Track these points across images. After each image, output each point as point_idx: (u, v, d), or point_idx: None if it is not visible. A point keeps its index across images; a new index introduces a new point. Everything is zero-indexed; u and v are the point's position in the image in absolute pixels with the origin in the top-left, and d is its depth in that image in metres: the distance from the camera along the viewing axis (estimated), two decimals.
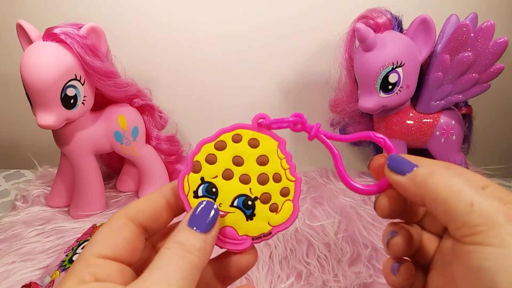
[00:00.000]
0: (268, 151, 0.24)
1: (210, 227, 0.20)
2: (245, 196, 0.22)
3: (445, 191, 0.18)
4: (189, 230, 0.19)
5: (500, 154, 0.73)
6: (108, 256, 0.19)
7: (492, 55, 0.46)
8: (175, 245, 0.19)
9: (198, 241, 0.19)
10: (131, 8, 0.66)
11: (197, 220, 0.20)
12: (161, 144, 0.62)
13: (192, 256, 0.18)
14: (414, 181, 0.20)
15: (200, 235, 0.19)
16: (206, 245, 0.19)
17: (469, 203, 0.17)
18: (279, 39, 0.67)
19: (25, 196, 0.61)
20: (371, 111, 0.53)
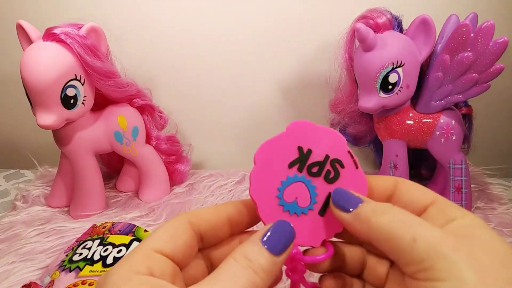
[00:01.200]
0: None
1: (282, 250, 0.19)
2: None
3: (387, 228, 0.18)
4: (261, 247, 0.18)
5: (500, 154, 0.73)
6: (166, 253, 0.18)
7: (492, 55, 0.46)
8: (243, 259, 0.18)
9: (266, 262, 0.18)
10: (131, 8, 0.66)
11: (271, 239, 0.19)
12: (161, 144, 0.62)
13: (257, 276, 0.18)
14: (358, 218, 0.19)
15: (270, 256, 0.18)
16: (274, 267, 0.18)
17: (411, 239, 0.17)
18: (279, 39, 0.67)
19: (25, 196, 0.61)
20: (371, 111, 0.53)
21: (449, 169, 0.55)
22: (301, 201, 0.22)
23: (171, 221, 0.20)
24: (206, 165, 0.76)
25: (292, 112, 0.72)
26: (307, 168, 0.22)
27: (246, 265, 0.18)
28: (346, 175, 0.22)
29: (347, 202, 0.20)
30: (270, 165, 0.22)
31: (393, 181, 0.22)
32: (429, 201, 0.20)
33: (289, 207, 0.22)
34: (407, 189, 0.21)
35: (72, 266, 0.40)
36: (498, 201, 0.60)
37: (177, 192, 0.64)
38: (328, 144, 0.22)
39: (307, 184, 0.22)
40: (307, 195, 0.22)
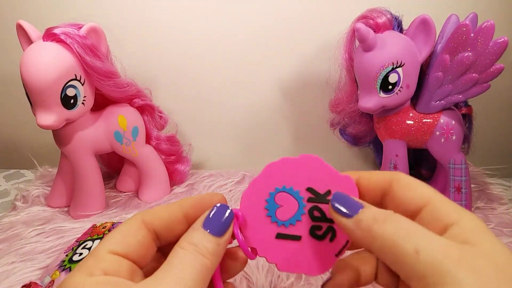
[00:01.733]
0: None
1: (224, 231, 0.20)
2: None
3: (390, 238, 0.17)
4: (203, 231, 0.19)
5: (500, 154, 0.73)
6: (119, 253, 0.19)
7: (492, 55, 0.46)
8: (189, 245, 0.19)
9: (211, 244, 0.19)
10: (131, 8, 0.66)
11: (212, 223, 0.20)
12: (161, 144, 0.62)
13: (205, 259, 0.19)
14: (359, 226, 0.19)
15: (214, 238, 0.19)
16: (218, 248, 0.19)
17: (414, 251, 0.16)
18: (279, 39, 0.67)
19: (25, 196, 0.61)
20: (371, 111, 0.53)
21: (449, 169, 0.55)
22: (287, 212, 0.22)
23: (125, 222, 0.21)
24: (206, 165, 0.76)
25: (292, 112, 0.72)
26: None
27: (193, 250, 0.19)
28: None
29: (347, 207, 0.19)
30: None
31: (388, 178, 0.21)
32: (423, 203, 0.19)
33: (276, 220, 0.22)
34: (401, 188, 0.20)
35: (72, 266, 0.40)
36: (498, 201, 0.60)
37: (177, 192, 0.64)
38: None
39: (295, 196, 0.22)
40: (295, 205, 0.22)
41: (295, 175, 0.22)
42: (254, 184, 0.23)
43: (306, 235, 0.22)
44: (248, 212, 0.22)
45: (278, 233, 0.22)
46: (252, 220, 0.22)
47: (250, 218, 0.22)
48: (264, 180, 0.23)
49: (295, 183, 0.22)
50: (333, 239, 0.22)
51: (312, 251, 0.22)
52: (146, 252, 0.20)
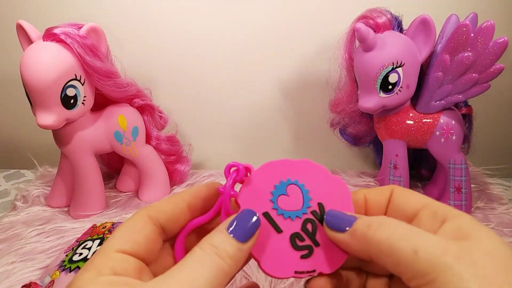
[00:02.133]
0: None
1: (248, 237, 0.19)
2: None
3: (386, 242, 0.17)
4: (226, 235, 0.19)
5: (500, 154, 0.73)
6: (127, 251, 0.19)
7: (492, 55, 0.46)
8: (209, 247, 0.18)
9: (232, 249, 0.19)
10: (131, 8, 0.66)
11: (237, 227, 0.19)
12: (161, 144, 0.62)
13: (223, 262, 0.18)
14: (354, 236, 0.19)
15: (236, 243, 0.19)
16: (240, 254, 0.19)
17: (412, 251, 0.16)
18: (279, 39, 0.67)
19: (25, 196, 0.61)
20: (371, 111, 0.53)
21: (449, 169, 0.55)
22: (291, 204, 0.22)
23: (130, 219, 0.20)
24: (206, 165, 0.76)
25: (292, 112, 0.72)
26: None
27: (212, 252, 0.18)
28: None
29: (341, 222, 0.20)
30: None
31: (388, 192, 0.22)
32: (420, 205, 0.20)
33: (282, 212, 0.22)
34: (399, 196, 0.21)
35: (72, 266, 0.40)
36: (498, 201, 0.60)
37: (177, 192, 0.64)
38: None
39: (301, 188, 0.22)
40: (300, 198, 0.22)
41: (300, 174, 0.22)
42: (261, 171, 0.22)
43: (287, 235, 0.22)
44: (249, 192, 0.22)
45: (267, 213, 0.22)
46: (250, 198, 0.22)
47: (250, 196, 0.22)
48: (272, 171, 0.22)
49: (305, 181, 0.22)
50: (304, 258, 0.21)
51: (280, 252, 0.21)
52: (153, 248, 0.20)
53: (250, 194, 0.22)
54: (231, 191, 0.21)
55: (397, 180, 0.58)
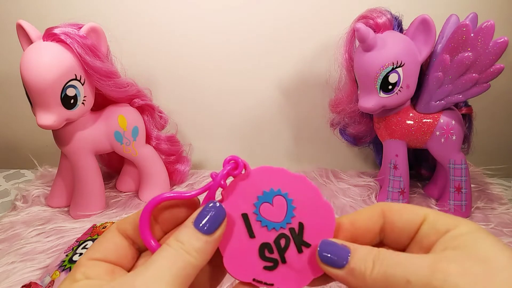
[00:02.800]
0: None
1: (214, 229, 0.20)
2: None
3: (382, 279, 0.18)
4: (193, 229, 0.19)
5: (500, 154, 0.73)
6: (97, 258, 0.20)
7: (492, 55, 0.46)
8: (175, 243, 0.19)
9: (198, 242, 0.19)
10: (131, 8, 0.66)
11: (202, 220, 0.20)
12: (161, 144, 0.62)
13: (189, 256, 0.19)
14: (353, 275, 0.19)
15: (202, 236, 0.19)
16: (207, 246, 0.19)
17: (406, 282, 0.17)
18: (279, 39, 0.67)
19: (25, 196, 0.61)
20: (371, 111, 0.53)
21: (449, 169, 0.55)
22: (273, 215, 0.22)
23: (102, 234, 0.22)
24: (206, 165, 0.76)
25: (292, 112, 0.72)
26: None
27: (178, 247, 0.19)
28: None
29: (336, 257, 0.20)
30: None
31: (379, 212, 0.21)
32: (420, 220, 0.20)
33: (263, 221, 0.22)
34: (396, 214, 0.21)
35: (72, 266, 0.40)
36: (498, 201, 0.60)
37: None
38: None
39: (288, 202, 0.22)
40: (283, 212, 0.22)
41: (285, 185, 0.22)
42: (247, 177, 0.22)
43: (257, 242, 0.21)
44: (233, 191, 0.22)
45: (246, 215, 0.21)
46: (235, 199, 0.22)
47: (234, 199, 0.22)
48: (258, 179, 0.22)
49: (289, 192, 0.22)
50: (266, 269, 0.21)
51: (246, 255, 0.21)
52: (126, 253, 0.21)
53: (237, 191, 0.22)
54: (222, 180, 0.21)
55: (397, 180, 0.58)
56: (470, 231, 0.18)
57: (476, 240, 0.18)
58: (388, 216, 0.21)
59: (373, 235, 0.22)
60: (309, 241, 0.21)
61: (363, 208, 0.22)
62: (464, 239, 0.18)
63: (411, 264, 0.18)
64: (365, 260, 0.19)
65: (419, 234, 0.20)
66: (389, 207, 0.21)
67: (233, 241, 0.21)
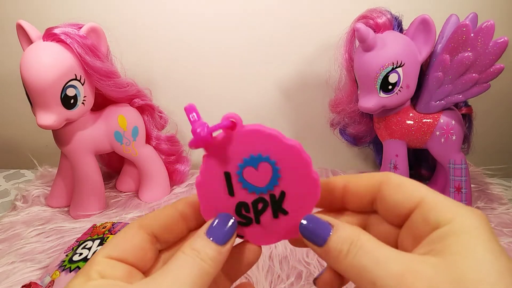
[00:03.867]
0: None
1: (226, 240, 0.20)
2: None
3: (352, 270, 0.18)
4: (206, 239, 0.20)
5: (500, 154, 0.73)
6: (114, 257, 0.20)
7: (492, 55, 0.46)
8: (190, 251, 0.19)
9: (212, 252, 0.19)
10: (131, 8, 0.66)
11: (215, 232, 0.20)
12: (161, 144, 0.62)
13: (205, 264, 0.19)
14: (328, 256, 0.19)
15: (216, 246, 0.20)
16: (220, 256, 0.20)
17: (372, 284, 0.17)
18: (279, 39, 0.67)
19: (25, 196, 0.61)
20: (371, 111, 0.53)
21: (449, 169, 0.55)
22: (257, 179, 0.21)
23: (123, 229, 0.21)
24: None
25: (292, 112, 0.72)
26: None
27: (194, 255, 0.19)
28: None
29: (316, 235, 0.20)
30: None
31: (377, 181, 0.20)
32: (413, 204, 0.19)
33: (247, 186, 0.21)
34: (391, 190, 0.20)
35: (72, 266, 0.40)
36: (498, 201, 0.60)
37: (177, 192, 0.64)
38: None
39: (274, 170, 0.21)
40: (267, 179, 0.21)
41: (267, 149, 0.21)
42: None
43: (235, 200, 0.22)
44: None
45: (228, 174, 0.21)
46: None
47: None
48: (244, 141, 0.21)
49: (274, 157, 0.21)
50: (239, 225, 0.22)
51: (222, 209, 0.22)
52: (144, 254, 0.21)
53: (224, 149, 0.21)
54: (209, 135, 0.21)
55: None
56: (464, 230, 0.17)
57: (466, 245, 0.16)
58: (383, 190, 0.20)
59: (363, 204, 0.21)
60: (287, 209, 0.21)
61: (365, 174, 0.21)
62: (451, 242, 0.16)
63: (382, 268, 0.17)
64: (342, 243, 0.18)
65: (411, 220, 0.19)
66: (388, 180, 0.20)
67: (213, 195, 0.22)
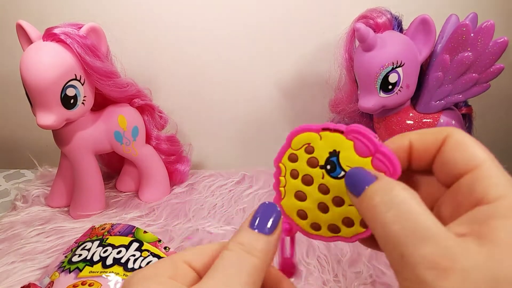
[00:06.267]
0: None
1: (272, 229, 0.19)
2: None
3: (381, 231, 0.16)
4: (251, 231, 0.19)
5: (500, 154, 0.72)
6: (193, 266, 0.19)
7: (492, 55, 0.46)
8: (236, 245, 0.18)
9: (260, 243, 0.18)
10: (131, 8, 0.66)
11: (259, 222, 0.19)
12: (161, 144, 0.62)
13: (254, 257, 0.17)
14: (361, 206, 0.18)
15: (263, 237, 0.18)
16: (268, 246, 0.18)
17: (400, 255, 0.15)
18: (279, 39, 0.67)
19: (25, 196, 0.61)
20: (371, 111, 0.53)
21: None
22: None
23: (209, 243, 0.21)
24: (206, 165, 0.76)
25: (292, 112, 0.72)
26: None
27: (240, 250, 0.18)
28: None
29: (357, 184, 0.18)
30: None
31: (442, 136, 0.19)
32: (469, 168, 0.17)
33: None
34: (450, 148, 0.18)
35: (71, 267, 0.40)
36: None
37: (177, 192, 0.64)
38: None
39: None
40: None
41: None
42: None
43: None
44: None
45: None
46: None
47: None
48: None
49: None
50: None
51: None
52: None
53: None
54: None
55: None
56: (511, 214, 0.14)
57: (507, 232, 0.14)
58: (445, 145, 0.18)
59: (427, 161, 0.19)
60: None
61: (429, 129, 0.20)
62: (497, 227, 0.14)
63: (415, 243, 0.15)
64: (381, 197, 0.16)
65: (458, 184, 0.17)
66: (453, 135, 0.18)
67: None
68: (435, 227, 0.15)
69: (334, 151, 0.20)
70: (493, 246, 0.14)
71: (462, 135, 0.18)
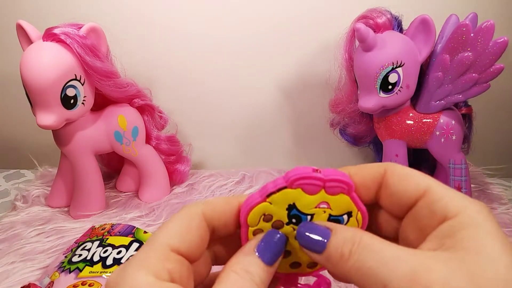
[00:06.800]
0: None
1: (275, 260, 0.19)
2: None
3: (357, 274, 0.16)
4: (257, 258, 0.18)
5: (500, 154, 0.73)
6: (183, 253, 0.18)
7: (492, 55, 0.46)
8: (245, 273, 0.17)
9: (263, 274, 0.18)
10: (131, 8, 0.66)
11: (265, 250, 0.18)
12: (161, 144, 0.62)
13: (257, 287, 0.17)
14: (329, 262, 0.18)
15: (266, 267, 0.18)
16: (268, 278, 0.18)
17: (382, 286, 0.15)
18: (279, 39, 0.67)
19: (25, 196, 0.61)
20: (371, 111, 0.53)
21: (449, 169, 0.55)
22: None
23: (184, 213, 0.19)
24: (206, 165, 0.76)
25: (292, 112, 0.72)
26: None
27: (249, 279, 0.17)
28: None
29: (314, 244, 0.18)
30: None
31: (381, 171, 0.19)
32: (418, 194, 0.18)
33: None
34: (395, 180, 0.19)
35: (71, 267, 0.40)
36: (498, 201, 0.60)
37: (177, 192, 0.64)
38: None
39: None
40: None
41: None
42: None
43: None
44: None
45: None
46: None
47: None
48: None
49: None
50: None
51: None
52: (202, 250, 0.19)
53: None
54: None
55: None
56: (473, 223, 0.15)
57: (478, 240, 0.15)
58: (388, 179, 0.19)
59: (369, 194, 0.20)
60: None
61: (369, 164, 0.20)
62: (463, 237, 0.15)
63: (391, 268, 0.15)
64: (343, 246, 0.17)
65: (415, 211, 0.18)
66: (393, 169, 0.19)
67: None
68: (403, 251, 0.16)
69: (289, 206, 0.19)
70: (465, 253, 0.15)
71: (400, 167, 0.19)
